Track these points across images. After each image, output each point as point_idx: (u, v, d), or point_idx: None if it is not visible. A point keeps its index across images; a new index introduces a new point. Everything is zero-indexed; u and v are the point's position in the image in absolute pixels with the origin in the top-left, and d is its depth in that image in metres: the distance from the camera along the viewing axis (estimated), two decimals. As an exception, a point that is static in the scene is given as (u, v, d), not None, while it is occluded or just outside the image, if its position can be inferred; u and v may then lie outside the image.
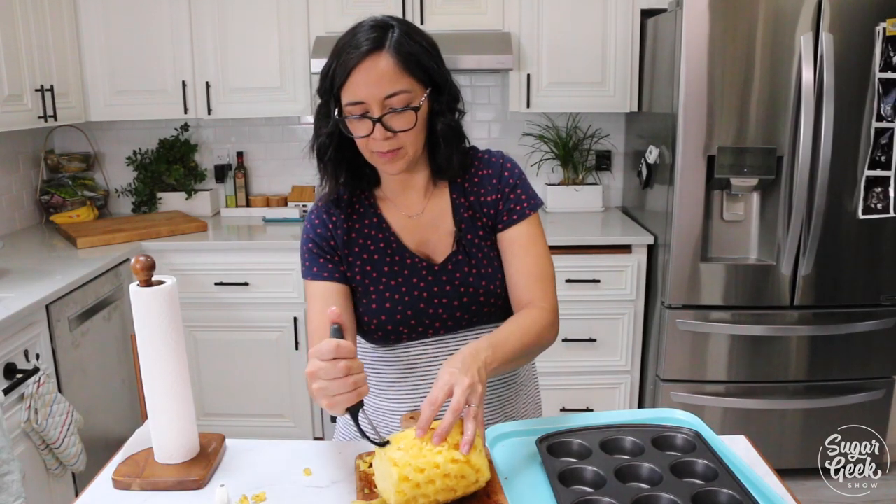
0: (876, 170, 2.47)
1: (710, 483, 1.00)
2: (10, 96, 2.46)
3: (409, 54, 1.16)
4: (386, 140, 1.15)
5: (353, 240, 1.28)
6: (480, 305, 1.27)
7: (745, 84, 2.44)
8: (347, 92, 1.15)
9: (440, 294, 1.26)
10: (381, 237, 1.28)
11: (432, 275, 1.27)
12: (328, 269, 1.27)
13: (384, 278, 1.27)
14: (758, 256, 2.64)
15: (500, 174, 1.30)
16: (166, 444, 1.14)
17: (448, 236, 1.28)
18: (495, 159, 1.33)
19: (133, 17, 2.93)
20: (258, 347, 2.87)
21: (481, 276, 1.27)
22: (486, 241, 1.29)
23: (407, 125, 1.16)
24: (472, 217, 1.29)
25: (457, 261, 1.27)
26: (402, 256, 1.28)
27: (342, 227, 1.28)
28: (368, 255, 1.28)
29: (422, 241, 1.29)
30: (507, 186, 1.29)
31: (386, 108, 1.14)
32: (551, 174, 3.37)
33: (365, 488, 1.04)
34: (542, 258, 1.28)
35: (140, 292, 1.08)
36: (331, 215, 1.29)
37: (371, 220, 1.29)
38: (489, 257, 1.29)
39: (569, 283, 2.77)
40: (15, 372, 1.97)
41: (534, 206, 1.30)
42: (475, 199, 1.29)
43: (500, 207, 1.28)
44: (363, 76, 1.13)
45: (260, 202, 3.33)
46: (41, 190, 3.17)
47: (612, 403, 2.91)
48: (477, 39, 2.88)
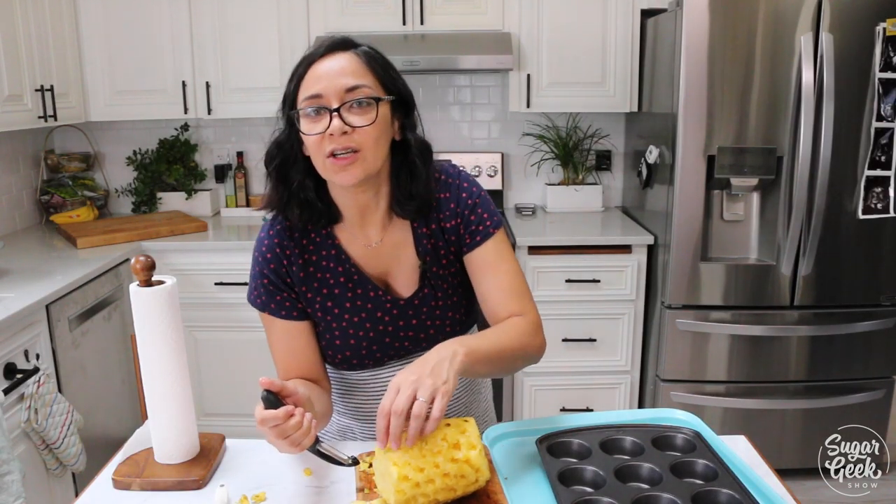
0: (876, 170, 2.47)
1: (710, 483, 1.00)
2: (10, 96, 2.46)
3: (374, 58, 1.13)
4: (343, 136, 1.07)
5: (310, 274, 1.21)
6: (447, 335, 1.23)
7: (745, 84, 2.44)
8: (304, 87, 1.10)
9: (406, 328, 1.23)
10: (340, 270, 1.21)
11: (398, 309, 1.22)
12: (286, 307, 1.21)
13: (346, 314, 1.22)
14: (758, 256, 2.64)
15: (458, 197, 1.22)
16: (166, 444, 1.14)
17: (412, 270, 1.23)
18: (451, 180, 1.23)
19: (133, 17, 2.93)
20: (258, 347, 2.86)
21: (448, 308, 1.24)
22: (450, 269, 1.24)
23: (366, 121, 1.08)
24: (435, 246, 1.23)
25: (423, 295, 1.23)
26: (364, 290, 1.22)
27: (297, 263, 1.20)
28: (329, 290, 1.21)
29: (383, 272, 1.23)
30: (467, 209, 1.22)
31: (345, 101, 1.08)
32: (551, 174, 3.37)
33: (365, 488, 1.05)
34: (513, 274, 1.23)
35: (140, 292, 1.08)
36: (284, 248, 1.21)
37: (329, 252, 1.22)
38: (453, 286, 1.25)
39: (569, 283, 2.77)
40: (15, 372, 1.97)
41: (496, 223, 1.23)
42: (436, 227, 1.23)
43: (462, 232, 1.22)
44: (323, 68, 1.09)
45: (260, 202, 3.32)
46: (41, 190, 3.17)
47: (612, 403, 2.90)
48: (477, 39, 2.88)
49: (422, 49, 2.84)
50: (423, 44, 2.87)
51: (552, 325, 2.81)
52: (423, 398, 0.95)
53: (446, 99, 3.33)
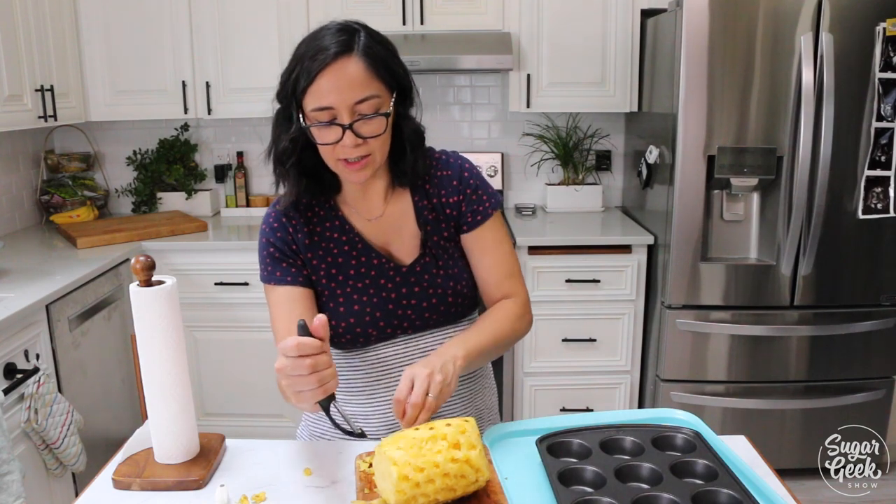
0: (876, 170, 2.47)
1: (710, 483, 1.00)
2: (10, 96, 2.46)
3: (377, 58, 1.13)
4: (356, 147, 1.12)
5: (315, 243, 1.26)
6: (448, 306, 1.28)
7: (745, 84, 2.44)
8: (313, 97, 1.11)
9: (408, 296, 1.26)
10: (344, 239, 1.26)
11: (400, 276, 1.26)
12: (291, 273, 1.25)
13: (351, 281, 1.25)
14: (758, 256, 2.64)
15: (460, 175, 1.30)
16: (166, 444, 1.14)
17: (413, 239, 1.28)
18: (453, 160, 1.32)
19: (133, 17, 2.93)
20: (258, 347, 2.87)
21: (449, 277, 1.28)
22: (450, 241, 1.30)
23: (377, 131, 1.13)
24: (437, 219, 1.28)
25: (424, 263, 1.27)
26: (367, 257, 1.26)
27: (303, 231, 1.25)
28: (333, 259, 1.26)
29: (386, 242, 1.28)
30: (469, 188, 1.29)
31: (356, 114, 1.11)
32: (551, 174, 3.37)
33: (365, 488, 1.04)
34: (509, 255, 1.32)
35: (140, 292, 1.08)
36: (290, 219, 1.25)
37: (333, 223, 1.27)
38: (454, 258, 1.30)
39: (569, 283, 2.77)
40: (15, 372, 1.97)
41: (495, 204, 1.31)
42: (437, 202, 1.29)
43: (463, 209, 1.29)
44: (332, 80, 1.09)
45: (260, 202, 3.33)
46: (41, 190, 3.17)
47: (612, 403, 2.91)
48: (477, 39, 2.88)
49: (422, 49, 2.84)
50: (423, 44, 2.88)
51: (552, 325, 2.81)
52: (432, 395, 1.06)
53: (446, 99, 3.33)
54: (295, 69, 1.13)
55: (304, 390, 0.98)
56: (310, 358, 0.96)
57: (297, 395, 1.00)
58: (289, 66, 1.14)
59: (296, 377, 0.96)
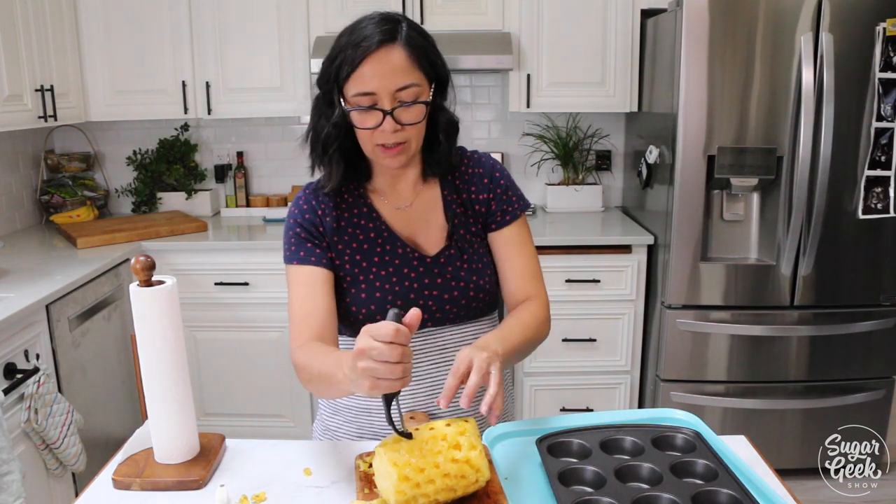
0: (876, 170, 2.47)
1: (710, 483, 1.00)
2: (10, 96, 2.46)
3: (419, 48, 1.17)
4: (394, 133, 1.15)
5: (342, 228, 1.28)
6: (470, 300, 1.28)
7: (745, 84, 2.44)
8: (356, 82, 1.14)
9: (431, 286, 1.27)
10: (371, 226, 1.28)
11: (424, 266, 1.27)
12: (316, 253, 1.26)
13: (374, 268, 1.27)
14: (758, 256, 2.64)
15: (492, 174, 1.33)
16: (166, 444, 1.14)
17: (440, 231, 1.30)
18: (485, 159, 1.35)
19: (133, 18, 2.93)
20: (258, 347, 2.87)
21: (472, 272, 1.28)
22: (477, 237, 1.32)
23: (416, 119, 1.17)
24: (465, 213, 1.31)
25: (449, 255, 1.28)
26: (392, 245, 1.28)
27: (331, 215, 1.27)
28: (358, 244, 1.27)
29: (412, 232, 1.30)
30: (499, 188, 1.32)
31: (396, 101, 1.14)
32: (551, 174, 3.37)
33: (365, 488, 1.04)
34: (533, 257, 1.35)
35: (140, 292, 1.08)
36: (319, 202, 1.28)
37: (361, 210, 1.29)
38: (479, 253, 1.31)
39: (569, 283, 2.77)
40: (15, 372, 1.97)
41: (524, 206, 1.35)
42: (466, 197, 1.31)
43: (493, 207, 1.31)
44: (375, 66, 1.13)
45: (260, 202, 3.33)
46: (41, 190, 3.17)
47: (612, 403, 2.91)
48: (477, 39, 2.88)
49: (422, 49, 2.83)
50: (423, 44, 2.87)
51: (552, 324, 2.80)
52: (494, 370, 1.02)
53: (446, 99, 3.32)
54: (338, 57, 1.16)
55: (387, 378, 0.94)
56: (402, 347, 0.94)
57: (374, 382, 0.95)
58: (331, 54, 1.17)
59: (382, 363, 0.93)
